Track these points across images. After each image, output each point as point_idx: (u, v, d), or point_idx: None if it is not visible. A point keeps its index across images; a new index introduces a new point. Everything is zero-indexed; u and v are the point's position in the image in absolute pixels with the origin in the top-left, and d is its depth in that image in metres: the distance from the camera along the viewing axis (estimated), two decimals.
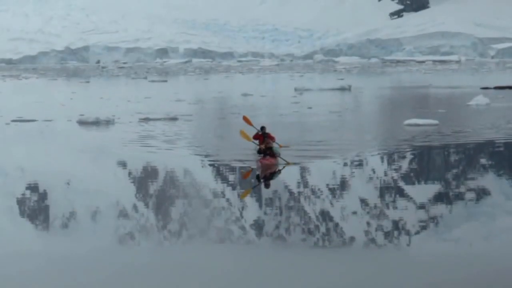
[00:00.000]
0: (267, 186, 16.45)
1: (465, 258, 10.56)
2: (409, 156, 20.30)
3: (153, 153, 20.92)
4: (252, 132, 20.18)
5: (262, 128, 20.44)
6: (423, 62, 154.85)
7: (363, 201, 14.23)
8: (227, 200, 14.63)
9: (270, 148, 18.54)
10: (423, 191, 15.32)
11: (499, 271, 9.92)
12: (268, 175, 17.38)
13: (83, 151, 21.89)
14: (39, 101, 44.70)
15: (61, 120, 31.66)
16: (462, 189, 15.61)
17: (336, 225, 12.63)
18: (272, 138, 20.46)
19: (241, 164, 18.72)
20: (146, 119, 30.97)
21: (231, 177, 17.22)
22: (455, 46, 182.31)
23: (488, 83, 56.95)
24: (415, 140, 23.12)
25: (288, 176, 17.12)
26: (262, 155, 18.55)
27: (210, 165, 19.11)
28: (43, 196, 15.32)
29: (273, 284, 9.52)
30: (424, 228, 12.27)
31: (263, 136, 19.96)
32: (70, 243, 11.61)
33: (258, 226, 12.63)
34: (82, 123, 29.72)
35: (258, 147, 19.07)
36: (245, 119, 21.55)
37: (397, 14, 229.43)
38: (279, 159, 18.54)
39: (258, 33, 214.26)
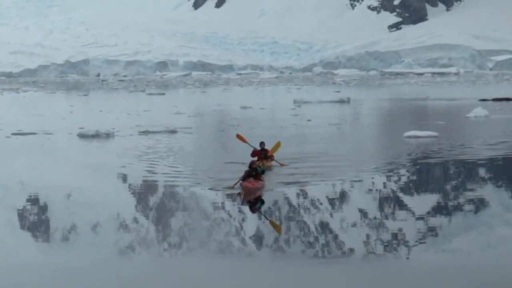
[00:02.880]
0: (253, 211, 14.64)
1: (464, 270, 10.60)
2: (413, 169, 20.26)
3: (151, 167, 20.94)
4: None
5: (261, 143, 19.30)
6: (421, 74, 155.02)
7: (364, 213, 14.25)
8: (218, 220, 14.60)
9: (255, 170, 16.55)
10: (429, 205, 15.32)
11: (498, 283, 9.96)
12: (251, 201, 15.50)
13: (84, 164, 21.91)
14: (39, 114, 44.75)
15: (61, 133, 31.72)
16: (470, 202, 15.60)
17: (336, 236, 12.65)
18: (271, 156, 19.33)
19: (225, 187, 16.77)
20: (146, 132, 31.04)
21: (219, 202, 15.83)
22: (453, 58, 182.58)
23: (487, 95, 57.06)
24: (416, 153, 23.11)
25: (274, 202, 15.39)
26: (252, 169, 16.65)
27: (196, 186, 17.50)
28: (44, 208, 15.35)
29: None
30: (427, 242, 12.29)
31: (261, 154, 18.69)
32: (70, 256, 11.63)
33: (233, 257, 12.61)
34: (82, 136, 29.79)
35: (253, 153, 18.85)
36: (239, 137, 20.23)
37: (396, 26, 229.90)
38: (273, 162, 18.07)
39: (258, 46, 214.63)
